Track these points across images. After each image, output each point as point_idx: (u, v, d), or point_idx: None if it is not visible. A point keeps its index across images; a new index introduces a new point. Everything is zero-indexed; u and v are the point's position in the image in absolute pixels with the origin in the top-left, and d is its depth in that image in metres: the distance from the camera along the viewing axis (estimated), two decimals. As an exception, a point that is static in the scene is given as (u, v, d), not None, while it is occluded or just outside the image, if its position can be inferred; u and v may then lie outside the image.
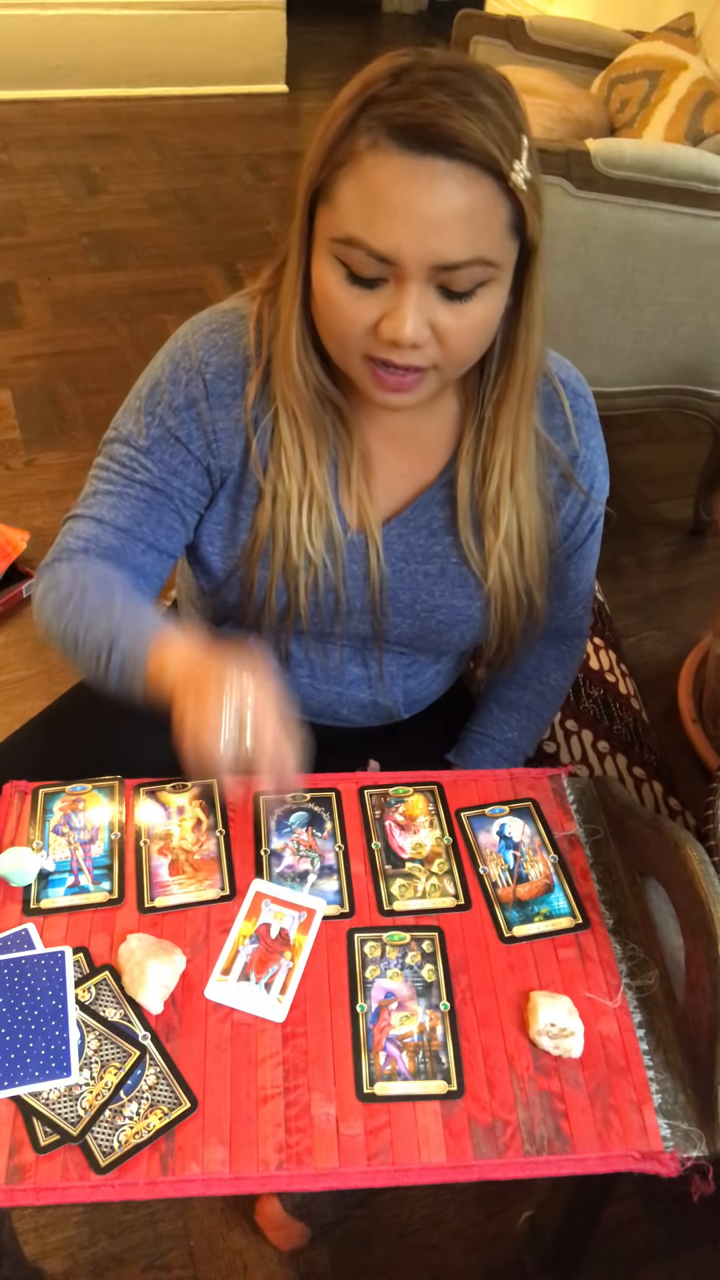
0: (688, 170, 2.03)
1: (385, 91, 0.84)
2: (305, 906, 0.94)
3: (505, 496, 1.07)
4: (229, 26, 4.94)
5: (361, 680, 1.22)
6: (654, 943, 0.93)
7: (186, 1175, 0.78)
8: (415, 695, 1.27)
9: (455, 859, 0.99)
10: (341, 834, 1.01)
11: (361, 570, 1.11)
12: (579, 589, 1.24)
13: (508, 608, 1.14)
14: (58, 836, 0.99)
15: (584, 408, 1.11)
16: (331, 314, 0.92)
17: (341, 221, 0.87)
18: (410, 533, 1.11)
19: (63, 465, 2.69)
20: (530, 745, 1.31)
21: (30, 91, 4.77)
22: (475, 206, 0.84)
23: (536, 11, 4.46)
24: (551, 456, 1.10)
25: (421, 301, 0.88)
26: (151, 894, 0.95)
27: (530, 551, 1.11)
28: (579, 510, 1.14)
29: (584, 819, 1.04)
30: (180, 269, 3.60)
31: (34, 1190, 0.77)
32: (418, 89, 0.82)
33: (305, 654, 1.19)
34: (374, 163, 0.84)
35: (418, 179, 0.83)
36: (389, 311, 0.89)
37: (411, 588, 1.13)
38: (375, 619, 1.15)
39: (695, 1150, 0.81)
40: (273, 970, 0.89)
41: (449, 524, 1.11)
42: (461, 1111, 0.82)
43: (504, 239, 0.88)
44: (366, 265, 0.87)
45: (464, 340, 0.92)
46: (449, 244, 0.85)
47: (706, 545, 2.65)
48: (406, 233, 0.84)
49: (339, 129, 0.86)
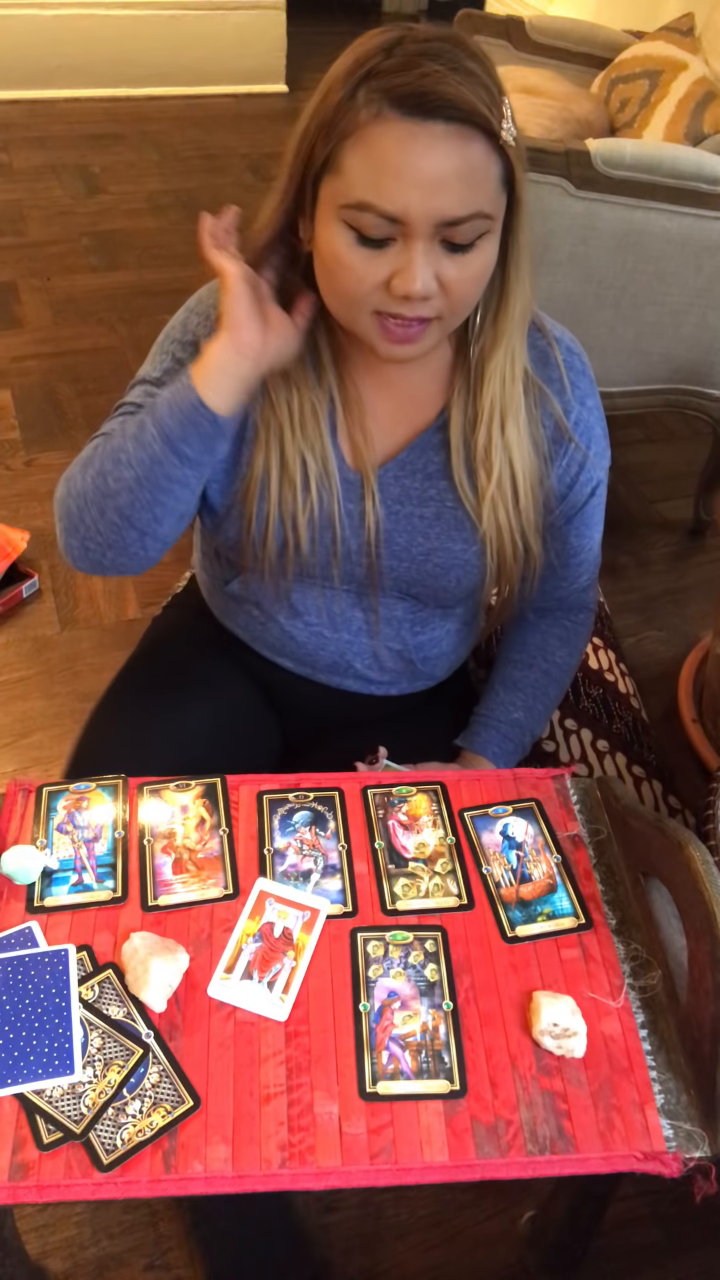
0: (688, 170, 2.03)
1: (382, 65, 0.90)
2: (309, 906, 0.94)
3: (495, 440, 1.11)
4: (229, 26, 4.94)
5: (365, 628, 1.24)
6: (657, 943, 0.93)
7: (189, 1173, 0.78)
8: (427, 651, 1.28)
9: (458, 859, 0.99)
10: (345, 833, 1.01)
11: (358, 510, 1.14)
12: (582, 557, 1.26)
13: (504, 552, 1.17)
14: (61, 835, 0.99)
15: (579, 365, 1.16)
16: (343, 275, 0.97)
17: (350, 188, 0.92)
18: (406, 475, 1.14)
19: (63, 465, 2.65)
20: (538, 725, 1.32)
21: (30, 91, 4.77)
22: (473, 164, 0.91)
23: (536, 11, 4.46)
24: (544, 405, 1.14)
25: (428, 256, 0.94)
26: (155, 892, 0.95)
27: (525, 497, 1.14)
28: (577, 468, 1.17)
29: (587, 819, 1.04)
30: (180, 269, 3.60)
31: (37, 1188, 0.77)
32: (413, 60, 0.89)
33: (308, 602, 1.22)
34: (379, 130, 0.90)
35: (420, 142, 0.89)
36: (399, 269, 0.94)
37: (407, 530, 1.16)
38: (371, 561, 1.17)
39: (698, 1151, 0.81)
40: (275, 969, 0.89)
41: (444, 467, 1.14)
42: (464, 1111, 0.82)
43: (497, 192, 0.95)
44: (377, 227, 0.93)
45: (466, 289, 0.98)
46: (452, 201, 0.91)
47: (706, 545, 2.65)
48: (415, 193, 0.90)
49: (338, 103, 0.91)
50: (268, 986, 0.88)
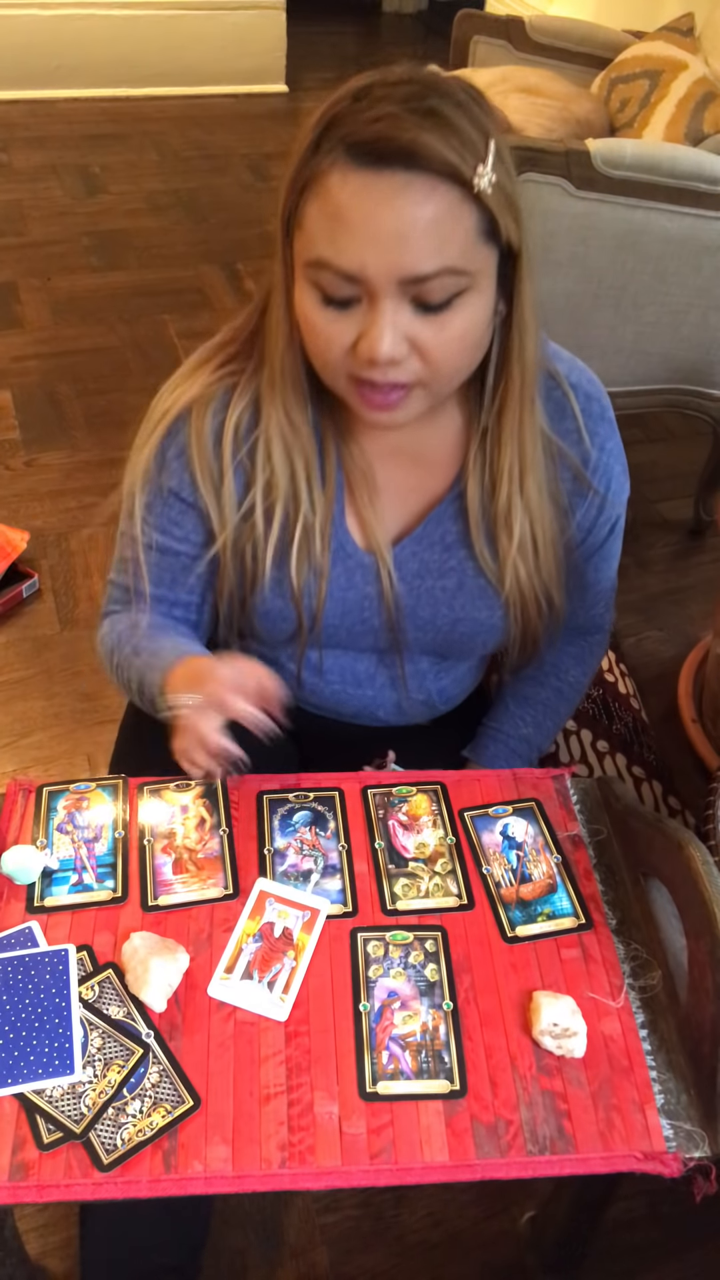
0: (688, 170, 2.03)
1: (344, 112, 0.84)
2: (309, 906, 0.94)
3: (516, 504, 1.06)
4: (229, 26, 4.94)
5: (389, 683, 1.22)
6: (657, 943, 0.93)
7: (189, 1173, 0.78)
8: (450, 693, 1.27)
9: (458, 859, 0.99)
10: (345, 833, 1.01)
11: (375, 591, 1.11)
12: (599, 588, 1.23)
13: (527, 612, 1.14)
14: (62, 835, 0.99)
15: (596, 410, 1.10)
16: (312, 338, 0.92)
17: (310, 244, 0.87)
18: (424, 549, 1.11)
19: (63, 465, 2.69)
20: (545, 741, 1.31)
21: (30, 91, 4.77)
22: (439, 216, 0.83)
23: (536, 11, 4.46)
24: (563, 461, 1.08)
25: (396, 317, 0.87)
26: (155, 892, 0.95)
27: (545, 555, 1.10)
28: (595, 513, 1.13)
29: (587, 819, 1.04)
30: (180, 269, 3.60)
31: (37, 1187, 0.77)
32: (373, 105, 0.82)
33: (329, 662, 1.20)
34: (334, 182, 0.84)
35: (375, 193, 0.82)
36: (364, 330, 0.88)
37: (430, 604, 1.13)
38: (394, 635, 1.15)
39: (698, 1151, 0.81)
40: (275, 969, 0.89)
41: (462, 537, 1.10)
42: (464, 1111, 0.82)
43: (475, 246, 0.87)
44: (337, 286, 0.87)
45: (447, 353, 0.90)
46: (415, 256, 0.84)
47: (706, 545, 2.65)
48: (370, 249, 0.84)
49: (304, 154, 0.86)
50: (268, 986, 0.88)
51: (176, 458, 1.05)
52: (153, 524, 1.09)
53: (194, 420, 1.04)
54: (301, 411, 1.02)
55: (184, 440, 1.04)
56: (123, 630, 1.14)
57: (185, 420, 1.04)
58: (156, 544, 1.10)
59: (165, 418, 1.05)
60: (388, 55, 5.92)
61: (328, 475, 1.06)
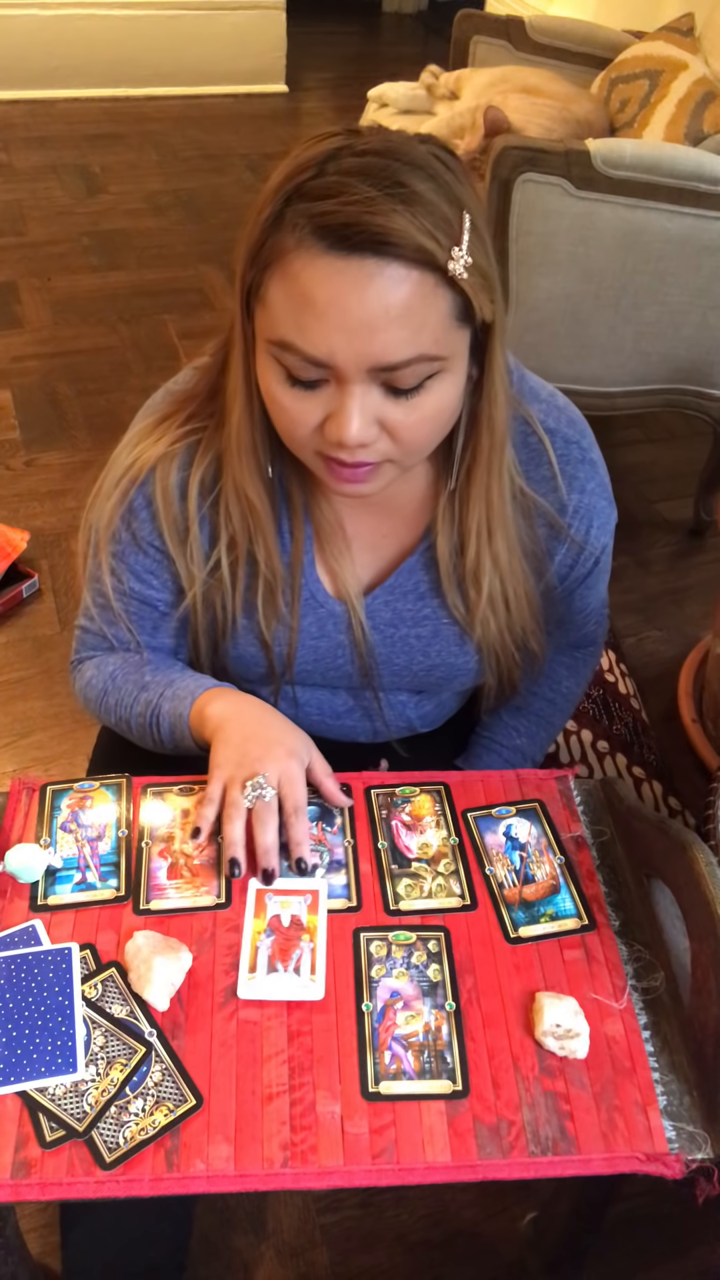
0: (688, 170, 2.03)
1: (310, 184, 0.79)
2: (307, 889, 0.94)
3: (485, 562, 1.04)
4: (229, 26, 4.94)
5: (367, 715, 1.22)
6: (660, 945, 0.93)
7: (191, 1172, 0.78)
8: (431, 717, 1.27)
9: (461, 859, 0.99)
10: (351, 829, 1.01)
11: (348, 640, 1.11)
12: (586, 612, 1.20)
13: (501, 662, 1.13)
14: (65, 833, 0.99)
15: (576, 454, 1.05)
16: (277, 414, 0.90)
17: (274, 324, 0.83)
18: (396, 599, 1.10)
19: (63, 465, 2.69)
20: (539, 751, 1.31)
21: (30, 91, 4.77)
22: (412, 304, 0.80)
23: (536, 11, 4.46)
24: (538, 511, 1.05)
25: (365, 401, 0.84)
26: (148, 896, 0.95)
27: (518, 609, 1.09)
28: (576, 552, 1.09)
29: (591, 820, 1.04)
30: (180, 269, 3.61)
31: (39, 1185, 0.77)
32: (342, 182, 0.77)
33: (306, 696, 1.19)
34: (300, 264, 0.79)
35: (345, 280, 0.78)
36: (332, 413, 0.85)
37: (405, 651, 1.12)
38: (369, 680, 1.15)
39: (700, 1152, 0.81)
40: (296, 954, 0.89)
41: (434, 587, 1.09)
42: (466, 1111, 0.82)
43: (448, 330, 0.84)
44: (303, 369, 0.84)
45: (417, 433, 0.88)
46: (386, 345, 0.80)
47: (706, 545, 2.65)
48: (340, 337, 0.80)
49: (265, 224, 0.81)
50: (294, 972, 0.88)
51: (144, 509, 1.04)
52: (125, 574, 1.08)
53: (159, 477, 1.02)
54: (259, 482, 1.00)
55: (150, 493, 1.03)
56: (114, 670, 1.13)
57: (151, 476, 1.03)
58: (131, 592, 1.10)
59: (129, 472, 1.03)
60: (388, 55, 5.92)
61: (295, 528, 1.05)
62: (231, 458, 0.99)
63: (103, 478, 1.07)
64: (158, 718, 1.07)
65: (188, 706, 1.05)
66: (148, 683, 1.10)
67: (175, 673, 1.11)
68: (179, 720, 1.05)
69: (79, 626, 1.18)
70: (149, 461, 1.02)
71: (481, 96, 2.69)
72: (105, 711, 1.14)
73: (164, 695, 1.07)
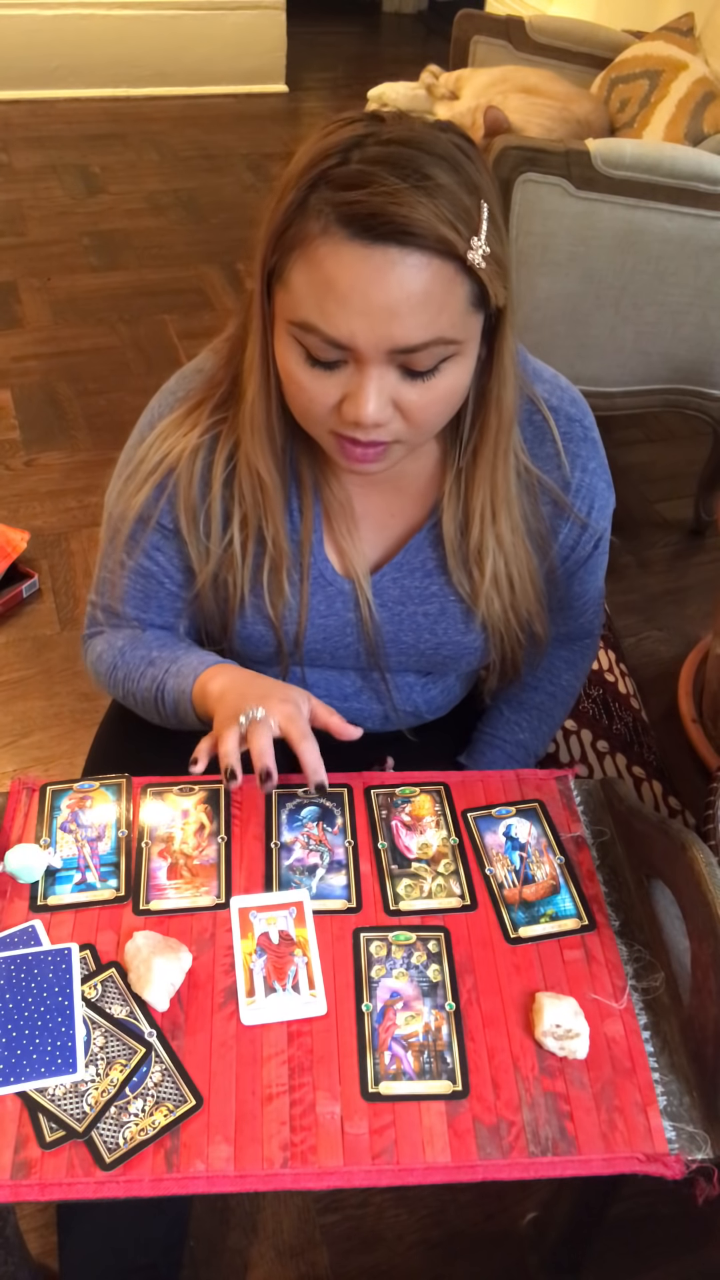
0: (688, 170, 2.03)
1: (335, 172, 0.81)
2: (289, 902, 0.94)
3: (489, 542, 1.06)
4: (229, 26, 4.95)
5: (375, 697, 1.23)
6: (660, 945, 0.93)
7: (191, 1172, 0.78)
8: (438, 703, 1.28)
9: (461, 859, 0.99)
10: (352, 829, 1.01)
11: (355, 617, 1.12)
12: (586, 599, 1.22)
13: (506, 641, 1.15)
14: (65, 834, 0.99)
15: (579, 432, 1.08)
16: (294, 392, 0.92)
17: (296, 306, 0.86)
18: (404, 576, 1.11)
19: (63, 465, 2.69)
20: (541, 746, 1.31)
21: (30, 91, 4.77)
22: (432, 290, 0.83)
23: (536, 11, 4.46)
24: (542, 489, 1.08)
25: (382, 383, 0.87)
26: (148, 896, 0.95)
27: (523, 590, 1.10)
28: (578, 533, 1.12)
29: (591, 820, 1.04)
30: (180, 269, 3.60)
31: (39, 1186, 0.77)
32: (367, 171, 0.80)
33: (314, 677, 1.20)
34: (325, 250, 0.82)
35: (369, 267, 0.81)
36: (350, 393, 0.88)
37: (413, 629, 1.14)
38: (377, 659, 1.16)
39: (700, 1153, 0.81)
40: (292, 971, 0.89)
41: (441, 564, 1.10)
42: (466, 1112, 0.82)
43: (465, 315, 0.87)
44: (323, 350, 0.86)
45: (429, 414, 0.91)
46: (406, 329, 0.83)
47: (706, 545, 2.65)
48: (361, 321, 0.83)
49: (289, 209, 0.84)
50: (294, 990, 0.88)
51: (168, 495, 1.06)
52: (139, 553, 1.11)
53: (184, 466, 1.05)
54: (271, 460, 1.02)
55: (175, 480, 1.05)
56: (123, 645, 1.15)
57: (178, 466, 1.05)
58: (144, 570, 1.12)
59: (163, 466, 1.05)
60: (388, 55, 5.92)
61: (305, 506, 1.07)
62: (246, 434, 1.01)
63: (128, 468, 1.09)
64: (162, 693, 1.09)
65: (190, 683, 1.06)
66: (154, 659, 1.12)
67: (181, 649, 1.12)
68: (183, 696, 1.06)
69: (90, 602, 1.21)
70: (180, 455, 1.04)
71: (481, 96, 2.69)
72: (114, 685, 1.16)
73: (169, 671, 1.09)
